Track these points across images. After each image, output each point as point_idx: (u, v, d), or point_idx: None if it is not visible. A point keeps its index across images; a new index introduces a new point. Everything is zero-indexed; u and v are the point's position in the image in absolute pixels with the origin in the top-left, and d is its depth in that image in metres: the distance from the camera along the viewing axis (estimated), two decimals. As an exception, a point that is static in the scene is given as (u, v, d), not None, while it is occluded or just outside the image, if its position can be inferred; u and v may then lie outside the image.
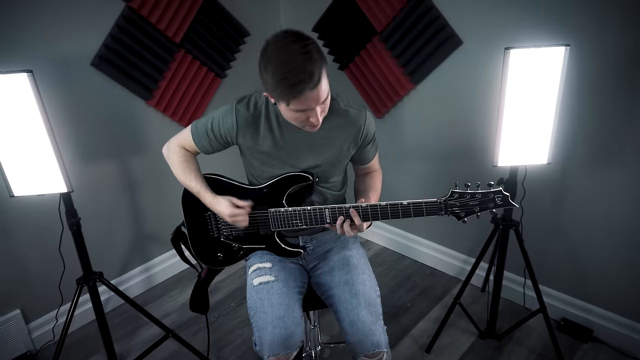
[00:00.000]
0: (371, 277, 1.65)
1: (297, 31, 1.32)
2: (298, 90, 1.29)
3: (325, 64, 1.33)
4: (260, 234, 1.62)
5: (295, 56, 1.27)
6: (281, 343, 1.49)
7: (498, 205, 1.48)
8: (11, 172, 1.66)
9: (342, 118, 1.56)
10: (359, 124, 1.58)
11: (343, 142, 1.59)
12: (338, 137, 1.57)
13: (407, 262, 2.87)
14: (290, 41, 1.29)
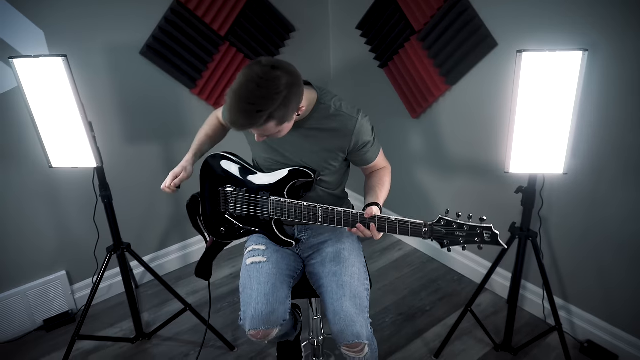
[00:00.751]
0: (361, 271, 1.68)
1: (277, 62, 1.38)
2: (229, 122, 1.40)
3: (285, 104, 1.38)
4: (260, 218, 1.70)
5: (238, 106, 1.36)
6: (262, 318, 1.57)
7: (486, 241, 1.46)
8: (50, 146, 1.87)
9: (330, 123, 1.60)
10: (348, 129, 1.61)
11: (329, 145, 1.63)
12: (324, 141, 1.63)
13: (435, 265, 2.83)
14: (256, 67, 1.36)
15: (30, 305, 2.44)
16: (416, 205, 2.87)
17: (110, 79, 2.33)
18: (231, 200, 1.71)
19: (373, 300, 2.56)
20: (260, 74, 1.34)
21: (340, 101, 1.63)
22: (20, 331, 2.44)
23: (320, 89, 1.63)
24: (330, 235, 1.77)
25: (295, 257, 1.80)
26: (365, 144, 1.66)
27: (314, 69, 3.04)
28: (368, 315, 1.61)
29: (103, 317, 2.54)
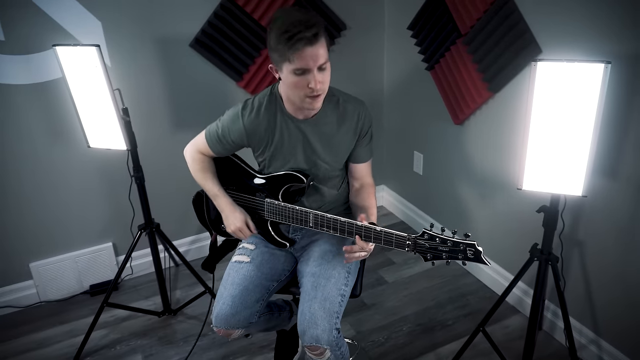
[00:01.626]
0: (340, 275, 1.66)
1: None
2: (297, 42, 1.38)
3: (325, 31, 1.44)
4: (256, 219, 1.74)
5: (296, 13, 1.42)
6: (223, 319, 1.62)
7: (469, 258, 1.42)
8: (88, 127, 2.05)
9: (341, 111, 1.64)
10: (357, 112, 1.66)
11: (346, 133, 1.66)
12: (341, 129, 1.66)
13: (469, 280, 2.70)
14: (294, 8, 1.47)
15: (79, 271, 2.69)
16: (453, 213, 2.75)
17: (160, 68, 2.50)
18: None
19: (394, 307, 2.52)
20: (297, 9, 1.49)
21: (341, 92, 1.68)
22: (68, 292, 2.70)
23: None
24: (321, 236, 1.77)
25: (288, 257, 1.82)
26: (367, 132, 1.69)
27: (366, 69, 3.02)
28: (337, 320, 1.59)
29: (141, 289, 2.74)
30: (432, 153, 2.84)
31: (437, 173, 2.84)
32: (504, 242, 2.45)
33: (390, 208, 3.38)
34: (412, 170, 3.02)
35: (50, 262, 2.62)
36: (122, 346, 2.38)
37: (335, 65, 2.86)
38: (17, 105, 2.29)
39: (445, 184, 2.77)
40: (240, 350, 2.30)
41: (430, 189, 2.93)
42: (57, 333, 2.48)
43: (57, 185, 2.50)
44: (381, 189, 3.41)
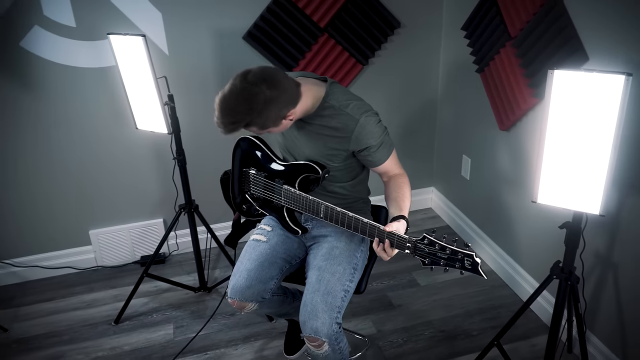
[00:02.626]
0: (346, 271, 1.69)
1: (263, 76, 1.47)
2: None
3: (261, 115, 1.48)
4: (274, 204, 1.80)
5: (229, 96, 1.48)
6: (239, 291, 1.71)
7: (466, 268, 1.43)
8: (136, 110, 2.22)
9: (331, 121, 1.64)
10: (348, 129, 1.62)
11: (332, 143, 1.67)
12: (326, 139, 1.67)
13: (506, 292, 2.59)
14: (239, 79, 1.47)
15: (132, 242, 2.92)
16: (496, 222, 2.65)
17: (213, 58, 2.64)
18: (252, 182, 1.84)
19: (421, 310, 2.49)
20: (241, 89, 1.46)
21: (351, 101, 1.64)
22: (121, 261, 2.95)
23: (333, 88, 1.66)
24: (332, 231, 1.80)
25: (300, 244, 1.87)
26: (367, 147, 1.64)
27: (420, 68, 2.98)
28: (338, 315, 1.62)
29: (185, 265, 2.92)
30: (479, 158, 2.75)
31: (483, 179, 2.74)
32: (543, 256, 2.33)
33: (438, 211, 3.32)
34: (460, 174, 2.94)
35: (107, 231, 2.87)
36: (158, 315, 2.57)
37: (385, 65, 2.90)
38: (85, 86, 2.52)
39: (490, 191, 2.67)
40: (263, 333, 2.40)
41: (476, 195, 2.84)
42: (105, 296, 2.72)
43: (114, 161, 2.73)
44: (430, 191, 3.35)
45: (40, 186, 2.68)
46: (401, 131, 3.11)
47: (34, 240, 2.80)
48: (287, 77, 1.53)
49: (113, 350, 2.37)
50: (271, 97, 1.46)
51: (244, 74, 1.47)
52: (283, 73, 1.54)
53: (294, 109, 1.55)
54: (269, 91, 1.45)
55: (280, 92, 1.48)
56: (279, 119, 1.53)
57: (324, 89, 1.65)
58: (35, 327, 2.53)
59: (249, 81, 1.45)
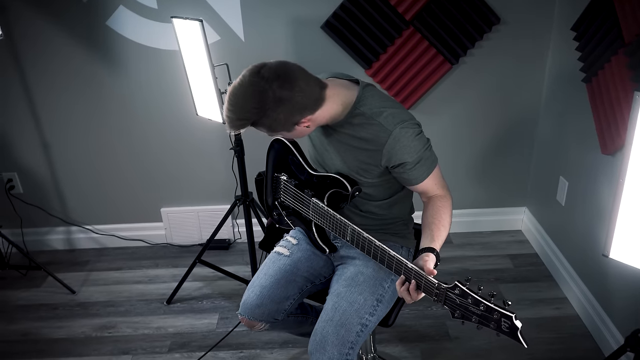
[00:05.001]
0: (367, 303, 1.49)
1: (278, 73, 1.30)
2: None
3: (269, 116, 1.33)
4: (302, 216, 1.65)
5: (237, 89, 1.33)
6: (249, 308, 1.59)
7: (503, 331, 1.17)
8: (197, 97, 2.19)
9: (362, 131, 1.43)
10: (379, 142, 1.41)
11: (362, 156, 1.46)
12: (357, 151, 1.46)
13: (587, 345, 2.18)
14: (251, 72, 1.32)
15: (200, 225, 2.96)
16: (588, 260, 2.22)
17: (289, 46, 2.52)
18: (283, 189, 1.70)
19: (480, 348, 2.20)
20: (249, 84, 1.31)
21: (385, 109, 1.41)
22: (189, 241, 3.00)
23: (366, 92, 1.44)
24: (361, 253, 1.59)
25: (327, 262, 1.70)
26: (401, 164, 1.41)
27: (521, 73, 2.59)
28: (351, 352, 1.44)
29: (246, 255, 2.88)
30: (577, 182, 2.33)
31: (579, 207, 2.32)
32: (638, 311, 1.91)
33: (527, 235, 2.91)
34: (555, 198, 2.53)
35: (177, 210, 2.94)
36: (208, 302, 2.56)
37: (479, 65, 2.57)
38: (161, 67, 2.56)
39: (585, 223, 2.25)
40: (302, 341, 2.26)
41: (570, 224, 2.41)
42: (166, 274, 2.79)
43: (184, 143, 2.76)
44: (522, 212, 2.95)
45: (119, 161, 2.81)
46: (494, 142, 2.76)
47: (113, 210, 2.95)
48: (308, 77, 1.35)
49: (158, 330, 2.41)
50: (282, 97, 1.30)
51: (259, 67, 1.31)
52: (305, 72, 1.36)
53: (311, 115, 1.37)
54: (280, 90, 1.29)
55: (294, 94, 1.31)
56: (290, 124, 1.37)
57: (356, 93, 1.44)
58: (99, 293, 2.67)
59: (262, 75, 1.29)
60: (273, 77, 1.29)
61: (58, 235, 3.01)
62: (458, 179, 2.82)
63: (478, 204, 2.94)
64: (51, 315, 2.54)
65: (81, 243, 3.03)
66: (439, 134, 1.37)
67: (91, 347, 2.34)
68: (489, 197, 2.92)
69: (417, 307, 2.44)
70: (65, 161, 2.81)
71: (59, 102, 2.65)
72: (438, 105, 2.66)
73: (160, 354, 2.28)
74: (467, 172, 2.85)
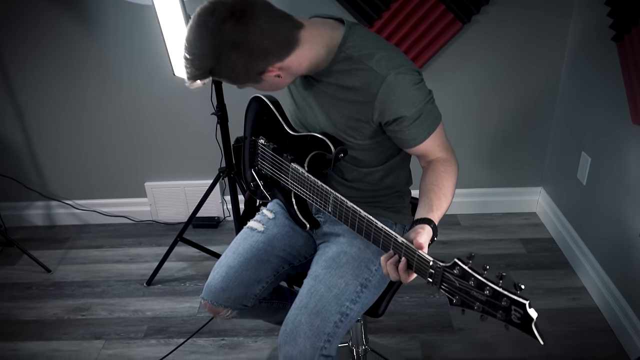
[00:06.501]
0: (348, 288, 1.26)
1: (238, 10, 1.06)
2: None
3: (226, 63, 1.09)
4: (281, 185, 1.42)
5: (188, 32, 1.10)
6: (212, 292, 1.39)
7: (513, 322, 0.90)
8: (173, 56, 1.96)
9: (350, 78, 1.18)
10: (370, 91, 1.16)
11: (350, 110, 1.22)
12: (343, 103, 1.22)
13: (607, 340, 1.94)
14: (203, 10, 1.08)
15: (187, 201, 2.75)
16: (611, 246, 1.97)
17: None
18: (260, 154, 1.47)
19: (485, 342, 1.97)
20: (202, 24, 1.07)
21: (378, 51, 1.16)
22: (175, 219, 2.80)
23: (353, 32, 1.19)
24: (347, 230, 1.36)
25: (308, 240, 1.47)
26: (397, 119, 1.17)
27: (541, 33, 2.30)
28: (327, 345, 1.21)
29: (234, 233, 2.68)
30: (602, 158, 2.06)
31: (603, 187, 2.06)
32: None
33: (542, 218, 2.65)
34: (575, 176, 2.26)
35: (162, 185, 2.73)
36: (191, 284, 2.37)
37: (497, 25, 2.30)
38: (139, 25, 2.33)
39: (610, 205, 1.99)
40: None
41: (592, 206, 2.16)
42: (149, 253, 2.59)
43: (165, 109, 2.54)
44: (537, 192, 2.68)
45: (99, 130, 2.60)
46: (509, 114, 2.49)
47: (94, 184, 2.75)
48: (272, 15, 1.10)
49: (135, 313, 2.22)
50: (235, 40, 1.06)
51: (214, 4, 1.06)
52: (270, 8, 1.10)
53: (279, 62, 1.12)
54: (234, 33, 1.05)
55: (251, 36, 1.06)
56: (254, 74, 1.12)
57: (342, 34, 1.19)
58: (76, 273, 2.48)
59: (215, 14, 1.05)
60: (226, 16, 1.05)
61: (37, 211, 2.82)
62: (467, 155, 2.56)
63: (489, 183, 2.67)
64: (24, 295, 2.36)
65: (62, 219, 2.84)
66: (446, 104, 1.17)
67: (62, 330, 2.16)
68: (501, 175, 2.65)
69: (419, 294, 2.22)
70: (41, 131, 2.61)
71: (32, 67, 2.44)
72: (446, 72, 2.39)
73: (134, 340, 2.09)
74: (478, 147, 2.58)
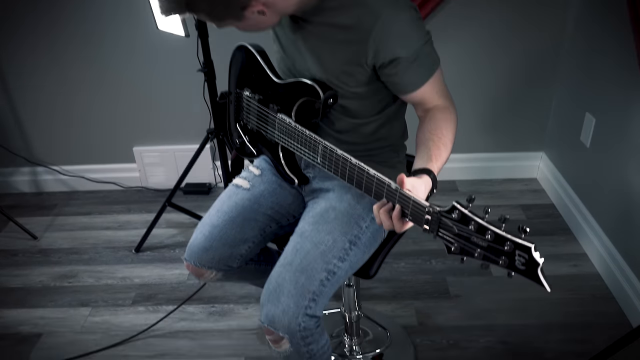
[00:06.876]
0: (336, 245, 1.19)
1: None
2: None
3: None
4: (267, 139, 1.33)
5: None
6: (195, 252, 1.31)
7: (517, 269, 0.84)
8: (156, 8, 1.84)
9: (340, 15, 1.09)
10: (364, 29, 1.06)
11: (342, 52, 1.12)
12: (335, 44, 1.12)
13: (609, 308, 1.88)
14: None
15: (178, 166, 2.66)
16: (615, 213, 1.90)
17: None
18: (245, 107, 1.38)
19: (483, 309, 1.92)
20: None
21: None
22: (165, 185, 2.71)
23: None
24: (337, 185, 1.29)
25: (297, 198, 1.39)
26: (393, 60, 1.08)
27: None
28: (312, 304, 1.14)
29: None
30: (608, 119, 1.97)
31: (609, 148, 1.98)
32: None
33: (543, 183, 2.57)
34: (579, 139, 2.18)
35: (152, 150, 2.64)
36: (181, 251, 2.30)
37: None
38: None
39: (615, 168, 1.91)
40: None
41: (595, 169, 2.08)
42: (139, 220, 2.52)
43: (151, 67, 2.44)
44: (538, 157, 2.60)
45: (83, 91, 2.50)
46: (509, 74, 2.39)
47: (80, 149, 2.66)
48: None
49: (123, 280, 2.16)
50: None
51: None
52: None
53: None
54: None
55: None
56: (235, 9, 1.02)
57: None
58: (63, 240, 2.41)
59: None
60: None
61: (23, 177, 2.74)
62: (466, 119, 2.46)
63: (488, 148, 2.59)
64: (9, 262, 2.29)
65: (49, 185, 2.76)
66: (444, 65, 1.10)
67: (48, 297, 2.09)
68: (501, 140, 2.57)
69: (415, 260, 2.16)
70: (24, 94, 2.51)
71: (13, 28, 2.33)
72: (444, 30, 2.27)
73: (122, 307, 2.03)
74: (477, 111, 2.49)
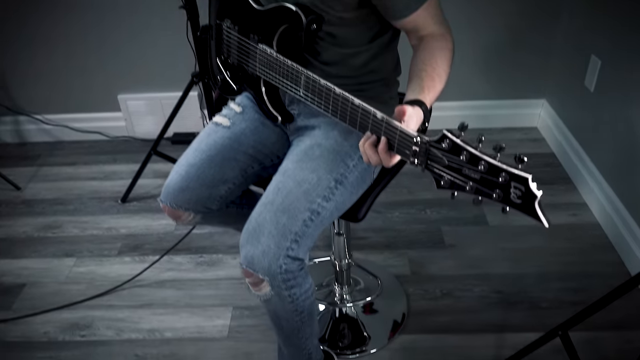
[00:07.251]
0: (320, 184, 1.11)
1: None
2: None
3: None
4: (249, 73, 1.23)
5: None
6: (171, 192, 1.24)
7: (511, 202, 0.75)
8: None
9: None
10: None
11: None
12: None
13: (608, 257, 1.83)
14: None
15: (165, 115, 2.54)
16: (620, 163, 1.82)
17: None
18: (225, 39, 1.27)
19: (478, 258, 1.87)
20: None
21: None
22: (152, 135, 2.59)
23: None
24: (323, 122, 1.20)
25: (282, 138, 1.31)
26: None
27: None
28: (294, 245, 1.07)
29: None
30: (615, 60, 1.87)
31: (614, 93, 1.88)
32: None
33: (544, 132, 2.48)
34: (582, 83, 2.08)
35: (137, 97, 2.54)
36: (169, 201, 2.23)
37: None
38: None
39: (621, 111, 1.82)
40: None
41: (599, 113, 1.98)
42: (125, 170, 2.44)
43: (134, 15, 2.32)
44: (539, 105, 2.49)
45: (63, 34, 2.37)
46: (511, 16, 2.26)
47: (63, 96, 2.55)
48: None
49: (109, 231, 2.10)
50: None
51: None
52: None
53: None
54: None
55: None
56: None
57: None
58: (47, 190, 2.34)
59: None
60: None
61: (5, 127, 2.64)
62: (463, 63, 2.33)
63: (487, 95, 2.48)
64: (-9, 213, 2.24)
65: (32, 136, 2.67)
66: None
67: (32, 248, 2.04)
68: (500, 86, 2.46)
69: (409, 209, 2.10)
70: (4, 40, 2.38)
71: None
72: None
73: (108, 257, 1.98)
74: (476, 55, 2.37)
